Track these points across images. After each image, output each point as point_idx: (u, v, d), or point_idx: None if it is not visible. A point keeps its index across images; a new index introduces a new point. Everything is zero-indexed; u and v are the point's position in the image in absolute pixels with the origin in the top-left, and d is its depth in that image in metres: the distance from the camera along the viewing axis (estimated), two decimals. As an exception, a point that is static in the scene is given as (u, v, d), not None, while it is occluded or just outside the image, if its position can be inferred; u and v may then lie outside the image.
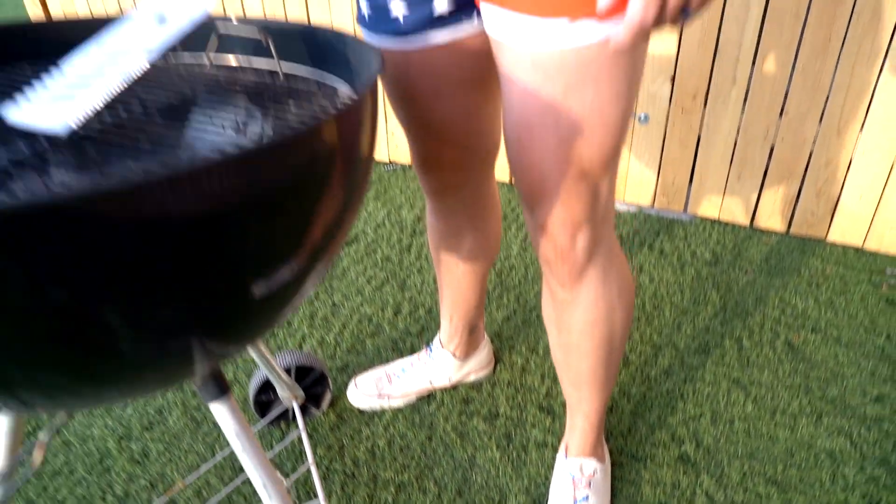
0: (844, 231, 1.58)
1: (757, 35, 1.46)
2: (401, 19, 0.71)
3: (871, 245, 1.57)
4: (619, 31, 0.54)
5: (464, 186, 0.92)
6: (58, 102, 0.50)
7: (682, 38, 1.53)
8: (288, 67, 0.73)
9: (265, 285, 0.45)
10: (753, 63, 1.50)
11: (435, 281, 1.49)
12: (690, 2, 0.51)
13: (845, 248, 1.59)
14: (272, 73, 0.72)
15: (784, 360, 1.24)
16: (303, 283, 0.50)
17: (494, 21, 0.62)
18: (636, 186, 1.76)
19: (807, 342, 1.28)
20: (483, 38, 0.73)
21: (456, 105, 0.79)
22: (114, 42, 0.56)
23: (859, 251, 1.57)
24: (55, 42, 0.74)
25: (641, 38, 0.52)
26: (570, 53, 0.59)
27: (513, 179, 0.79)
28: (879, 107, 1.42)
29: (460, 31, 0.72)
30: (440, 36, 0.72)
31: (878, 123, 1.43)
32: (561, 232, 0.71)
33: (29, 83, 0.65)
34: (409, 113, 0.81)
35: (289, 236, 0.45)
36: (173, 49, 0.76)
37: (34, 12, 2.47)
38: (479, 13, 0.70)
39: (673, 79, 1.57)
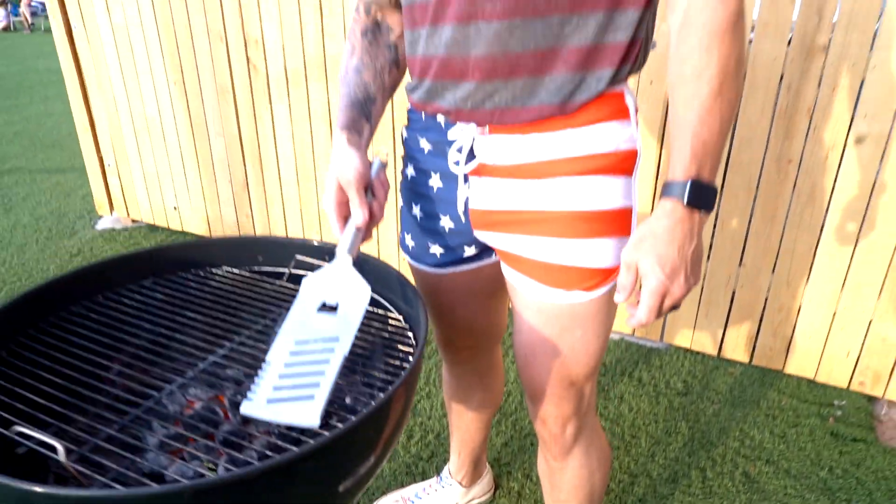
0: (798, 365, 1.82)
1: (717, 203, 1.74)
2: (437, 256, 0.96)
3: (822, 378, 1.80)
4: (633, 320, 0.77)
5: (475, 359, 1.16)
6: (301, 402, 0.67)
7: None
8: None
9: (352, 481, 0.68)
10: (715, 224, 1.78)
11: (443, 406, 1.71)
12: (678, 303, 0.75)
13: (799, 380, 1.82)
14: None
15: (741, 490, 1.45)
16: (375, 470, 0.72)
17: (512, 274, 0.87)
18: (619, 317, 2.01)
19: (761, 473, 1.50)
20: (497, 266, 0.98)
21: (474, 309, 1.04)
22: (297, 330, 0.75)
23: (812, 383, 1.81)
24: (174, 261, 0.99)
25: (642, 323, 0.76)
26: (566, 307, 0.84)
27: (520, 378, 1.03)
28: (821, 265, 1.68)
29: (481, 263, 0.97)
30: (466, 267, 0.97)
31: (822, 277, 1.70)
32: (554, 424, 0.94)
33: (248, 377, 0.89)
34: (436, 312, 1.06)
35: (369, 448, 0.68)
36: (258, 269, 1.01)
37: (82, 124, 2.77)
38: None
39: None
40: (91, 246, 2.74)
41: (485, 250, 0.95)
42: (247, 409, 0.67)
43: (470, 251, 0.94)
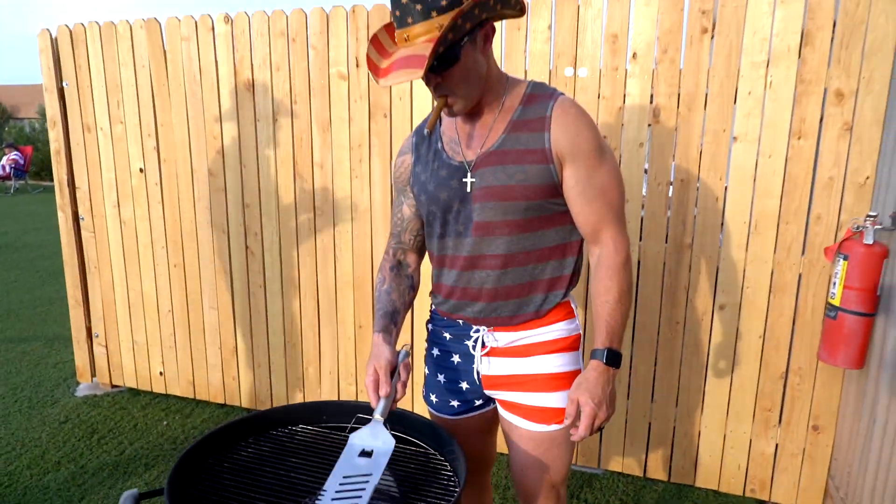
0: (705, 479, 2.32)
1: (630, 356, 2.31)
2: (455, 407, 1.42)
3: (724, 488, 2.30)
4: (575, 437, 1.26)
5: (472, 482, 1.58)
6: None
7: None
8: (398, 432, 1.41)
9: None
10: (630, 371, 2.33)
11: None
12: (603, 424, 1.25)
13: (707, 492, 2.32)
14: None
15: (674, 581, 1.87)
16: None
17: (510, 416, 1.34)
18: (563, 449, 2.46)
19: (687, 567, 1.93)
20: (494, 411, 1.44)
21: (476, 442, 1.48)
22: (344, 469, 1.17)
23: (717, 493, 2.31)
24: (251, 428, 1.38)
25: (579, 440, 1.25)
26: (547, 434, 1.31)
27: (516, 487, 1.47)
28: (709, 398, 2.25)
29: (484, 410, 1.44)
30: (473, 413, 1.43)
31: (711, 407, 2.25)
32: None
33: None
34: None
35: None
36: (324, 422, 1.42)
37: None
38: (494, 403, 1.43)
39: (581, 378, 2.37)
40: (77, 412, 2.94)
41: (487, 401, 1.42)
42: None
43: (478, 402, 1.41)
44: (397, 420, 1.38)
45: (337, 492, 1.14)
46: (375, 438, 1.23)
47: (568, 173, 1.26)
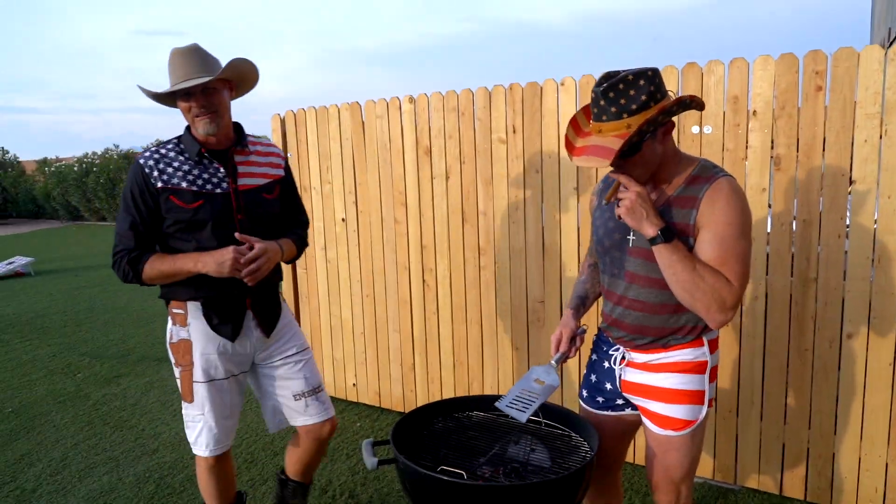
0: (841, 499, 2.45)
1: (761, 378, 2.54)
2: (600, 402, 1.82)
3: (861, 511, 2.42)
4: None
5: (604, 477, 1.94)
6: (519, 411, 1.60)
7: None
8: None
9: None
10: (762, 394, 2.56)
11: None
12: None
13: (844, 512, 2.45)
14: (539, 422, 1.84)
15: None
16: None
17: (643, 419, 1.72)
18: (704, 464, 2.71)
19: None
20: (633, 416, 1.81)
21: (613, 437, 1.86)
22: (524, 385, 1.69)
23: (854, 515, 2.43)
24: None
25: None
26: (667, 439, 1.67)
27: (647, 478, 1.82)
28: (842, 423, 2.41)
29: (623, 413, 1.81)
30: (614, 413, 1.82)
31: (845, 432, 2.41)
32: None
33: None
34: None
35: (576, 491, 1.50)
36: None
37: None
38: (631, 408, 1.81)
39: (715, 399, 2.63)
40: (291, 414, 3.69)
41: (627, 404, 1.80)
42: (500, 406, 1.63)
43: (619, 402, 1.80)
44: (555, 415, 1.83)
45: (514, 399, 1.67)
46: (548, 375, 1.74)
47: (701, 236, 1.51)
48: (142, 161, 1.93)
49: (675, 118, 1.59)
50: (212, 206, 1.93)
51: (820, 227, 2.35)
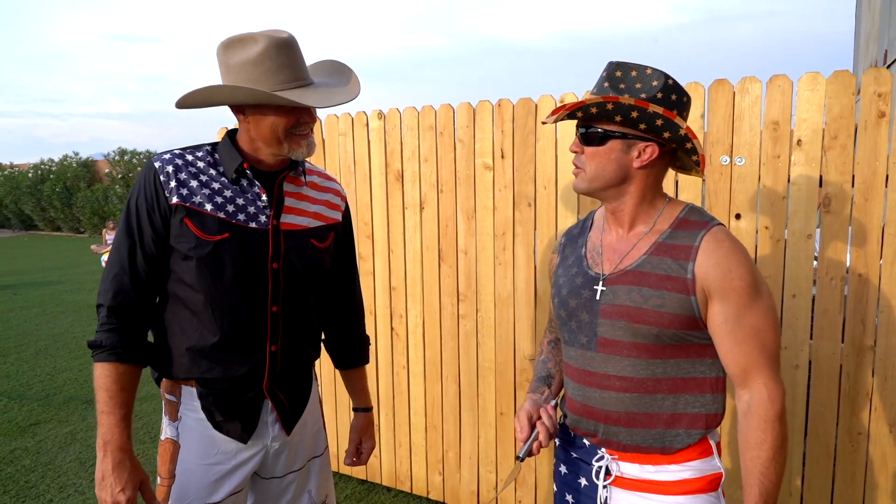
0: None
1: (801, 464, 2.08)
2: None
3: None
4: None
5: None
6: None
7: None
8: None
9: None
10: (803, 482, 2.10)
11: None
12: None
13: None
14: None
15: None
16: None
17: None
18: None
19: None
20: None
21: None
22: None
23: None
24: None
25: None
26: None
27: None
28: (902, 524, 1.96)
29: None
30: None
31: (904, 536, 1.96)
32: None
33: None
34: None
35: None
36: None
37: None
38: None
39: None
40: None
41: None
42: None
43: None
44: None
45: None
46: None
47: (715, 310, 1.20)
48: (158, 164, 1.35)
49: (664, 155, 1.26)
50: (240, 244, 1.35)
51: (879, 283, 1.92)
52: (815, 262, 2.01)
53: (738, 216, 2.07)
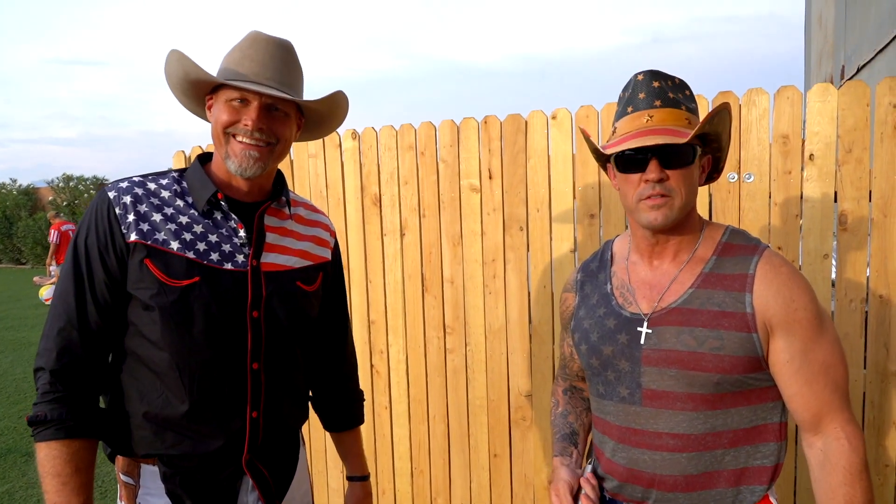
0: None
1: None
2: None
3: None
4: None
5: None
6: None
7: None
8: None
9: None
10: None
11: None
12: None
13: None
14: None
15: None
16: None
17: None
18: None
19: None
20: None
21: None
22: None
23: None
24: None
25: None
26: None
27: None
28: (936, 561, 1.83)
29: None
30: None
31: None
32: None
33: None
34: None
35: None
36: None
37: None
38: None
39: None
40: None
41: None
42: None
43: None
44: None
45: None
46: None
47: (779, 346, 1.03)
48: (112, 194, 1.13)
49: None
50: (212, 289, 1.13)
51: (902, 305, 1.80)
52: (832, 284, 1.89)
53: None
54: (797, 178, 1.87)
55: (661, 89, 1.08)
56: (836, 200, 1.84)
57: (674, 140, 1.01)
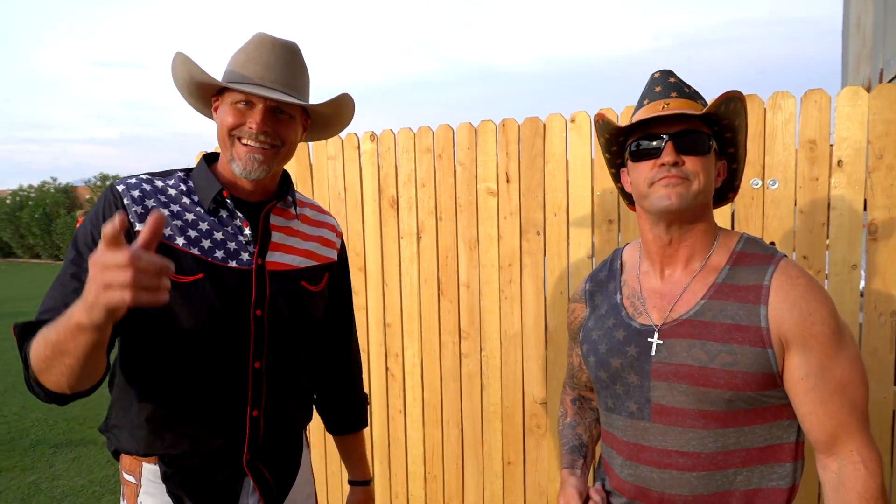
0: None
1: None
2: None
3: None
4: None
5: None
6: None
7: None
8: None
9: None
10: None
11: None
12: None
13: None
14: None
15: None
16: None
17: None
18: None
19: None
20: None
21: None
22: None
23: None
24: None
25: None
26: None
27: None
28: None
29: None
30: None
31: None
32: None
33: None
34: None
35: None
36: None
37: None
38: None
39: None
40: None
41: None
42: None
43: None
44: None
45: None
46: None
47: (794, 363, 0.98)
48: (121, 188, 1.13)
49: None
50: (216, 286, 1.13)
51: (935, 319, 1.72)
52: (861, 295, 1.81)
53: (771, 245, 1.87)
54: (824, 184, 1.80)
55: (677, 84, 1.08)
56: (865, 209, 1.77)
57: (690, 111, 1.01)
